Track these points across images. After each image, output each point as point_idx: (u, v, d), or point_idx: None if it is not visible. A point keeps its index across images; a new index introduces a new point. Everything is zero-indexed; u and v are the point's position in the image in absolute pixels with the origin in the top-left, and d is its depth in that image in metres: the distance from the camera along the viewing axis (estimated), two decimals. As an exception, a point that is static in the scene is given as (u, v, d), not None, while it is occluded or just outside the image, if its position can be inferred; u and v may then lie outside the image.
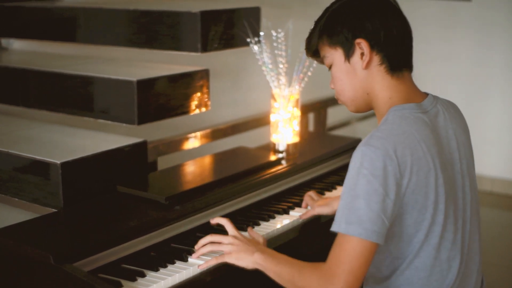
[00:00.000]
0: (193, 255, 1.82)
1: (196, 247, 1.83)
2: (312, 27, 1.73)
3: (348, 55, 1.64)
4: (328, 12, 1.68)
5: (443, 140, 1.63)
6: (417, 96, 1.67)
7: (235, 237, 1.78)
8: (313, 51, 1.74)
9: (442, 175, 1.57)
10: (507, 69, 4.88)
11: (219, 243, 1.78)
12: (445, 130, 1.65)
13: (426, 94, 1.70)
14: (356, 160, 1.52)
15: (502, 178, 4.95)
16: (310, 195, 2.22)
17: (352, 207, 1.49)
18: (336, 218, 1.53)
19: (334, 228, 1.53)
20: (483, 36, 4.91)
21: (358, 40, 1.62)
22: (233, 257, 1.73)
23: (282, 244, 2.00)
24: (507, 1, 4.83)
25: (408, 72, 1.67)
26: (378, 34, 1.61)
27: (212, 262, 1.77)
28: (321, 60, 1.76)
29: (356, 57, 1.64)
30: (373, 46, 1.61)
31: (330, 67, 1.71)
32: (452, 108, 1.73)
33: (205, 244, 1.81)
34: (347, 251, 1.49)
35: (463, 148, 1.69)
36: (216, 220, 1.90)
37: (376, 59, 1.63)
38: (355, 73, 1.65)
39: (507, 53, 4.87)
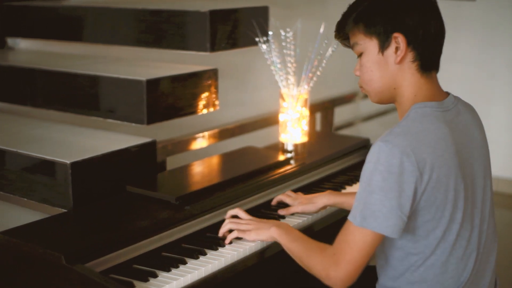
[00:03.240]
0: (225, 241, 1.93)
1: (220, 234, 1.95)
2: (346, 10, 1.70)
3: (383, 47, 1.62)
4: (367, 1, 1.65)
5: (463, 139, 1.63)
6: (440, 95, 1.67)
7: (250, 219, 1.93)
8: (344, 35, 1.72)
9: (461, 173, 1.58)
10: (511, 70, 4.87)
11: (238, 223, 1.92)
12: (466, 129, 1.65)
13: (448, 94, 1.70)
14: (373, 155, 1.53)
15: (507, 178, 4.94)
16: (287, 194, 2.19)
17: (367, 202, 1.52)
18: (353, 210, 1.56)
19: (350, 218, 1.56)
20: (487, 36, 4.89)
21: (396, 34, 1.60)
22: (252, 233, 1.87)
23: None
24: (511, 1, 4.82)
25: (435, 72, 1.67)
26: (417, 31, 1.60)
27: (233, 235, 1.91)
28: (347, 45, 1.74)
29: (390, 50, 1.62)
30: (409, 42, 1.60)
31: (359, 55, 1.68)
32: (470, 110, 1.73)
33: (227, 229, 1.94)
34: (355, 242, 1.53)
35: (481, 148, 1.69)
36: (229, 214, 2.00)
37: (410, 55, 1.62)
38: (386, 66, 1.64)
39: (511, 53, 4.86)
